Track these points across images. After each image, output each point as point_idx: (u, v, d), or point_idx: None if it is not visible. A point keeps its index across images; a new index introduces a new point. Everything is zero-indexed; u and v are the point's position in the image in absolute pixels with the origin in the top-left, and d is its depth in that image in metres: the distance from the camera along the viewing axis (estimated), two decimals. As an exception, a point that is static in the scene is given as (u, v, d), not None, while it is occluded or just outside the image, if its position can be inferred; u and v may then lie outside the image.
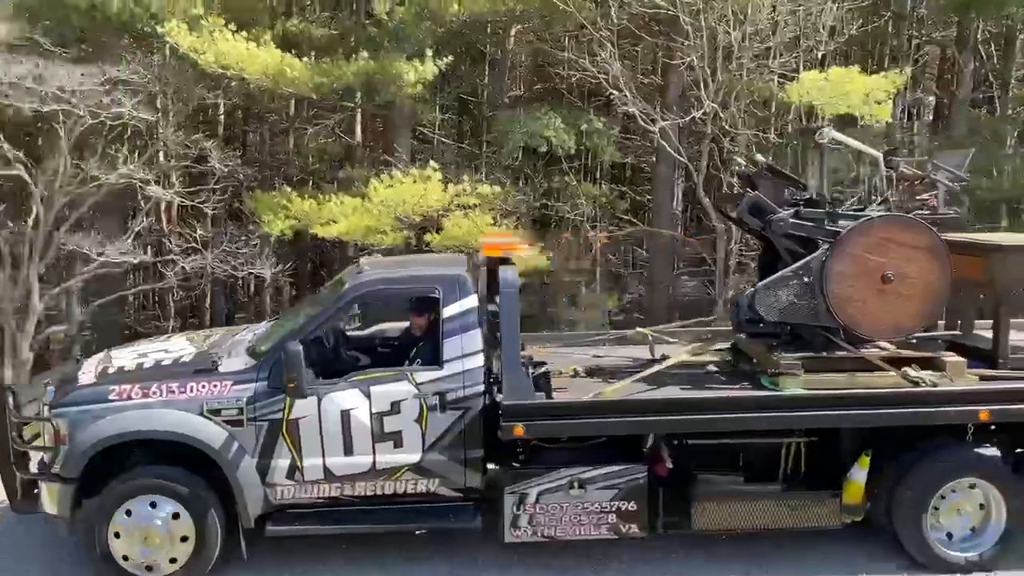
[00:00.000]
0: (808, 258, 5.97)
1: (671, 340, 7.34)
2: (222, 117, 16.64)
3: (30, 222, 12.65)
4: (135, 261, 12.67)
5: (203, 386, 5.73)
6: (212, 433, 5.62)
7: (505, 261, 6.03)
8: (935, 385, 5.86)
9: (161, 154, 14.18)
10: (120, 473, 5.72)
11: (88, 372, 6.29)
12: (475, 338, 5.85)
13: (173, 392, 5.71)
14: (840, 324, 6.01)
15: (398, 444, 5.75)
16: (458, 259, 6.96)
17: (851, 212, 6.32)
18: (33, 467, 6.02)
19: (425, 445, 5.76)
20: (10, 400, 5.94)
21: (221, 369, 5.88)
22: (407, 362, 6.08)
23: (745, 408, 5.83)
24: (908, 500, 5.84)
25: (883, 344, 6.27)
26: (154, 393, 5.72)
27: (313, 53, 13.09)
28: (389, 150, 14.35)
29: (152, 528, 5.66)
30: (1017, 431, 5.97)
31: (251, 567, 6.02)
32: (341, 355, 6.46)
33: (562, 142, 13.41)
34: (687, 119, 12.87)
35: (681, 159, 13.45)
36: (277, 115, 16.90)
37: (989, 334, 6.41)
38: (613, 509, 5.74)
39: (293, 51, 12.61)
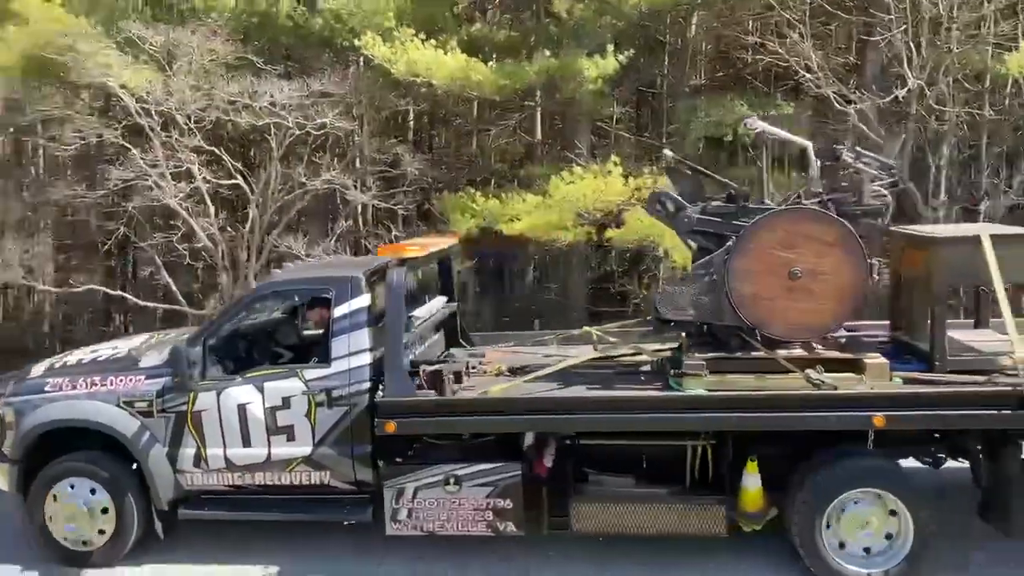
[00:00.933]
0: (712, 254, 5.57)
1: (612, 339, 6.93)
2: (412, 123, 17.48)
3: (247, 227, 13.98)
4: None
5: (120, 380, 6.12)
6: (126, 422, 6.00)
7: (403, 263, 5.94)
8: (835, 388, 5.29)
9: (357, 160, 15.14)
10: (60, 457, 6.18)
11: (39, 367, 6.82)
12: (362, 337, 5.86)
13: (95, 385, 6.14)
14: (746, 323, 5.53)
15: (290, 437, 5.90)
16: (367, 262, 6.84)
17: (761, 206, 5.77)
18: None
19: (315, 439, 5.86)
20: None
21: (140, 365, 6.30)
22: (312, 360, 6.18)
23: (622, 409, 5.52)
24: (804, 509, 5.33)
25: (817, 345, 5.73)
26: (80, 386, 6.18)
27: (495, 56, 13.48)
28: (569, 146, 14.46)
29: (76, 507, 6.06)
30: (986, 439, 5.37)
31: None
32: (257, 351, 6.61)
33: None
34: (888, 99, 11.99)
35: (880, 142, 12.55)
36: (461, 118, 17.51)
37: (962, 334, 5.85)
38: (489, 506, 5.62)
39: (479, 55, 13.01)
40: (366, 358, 5.87)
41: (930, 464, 5.91)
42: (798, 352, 5.68)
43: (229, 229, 14.14)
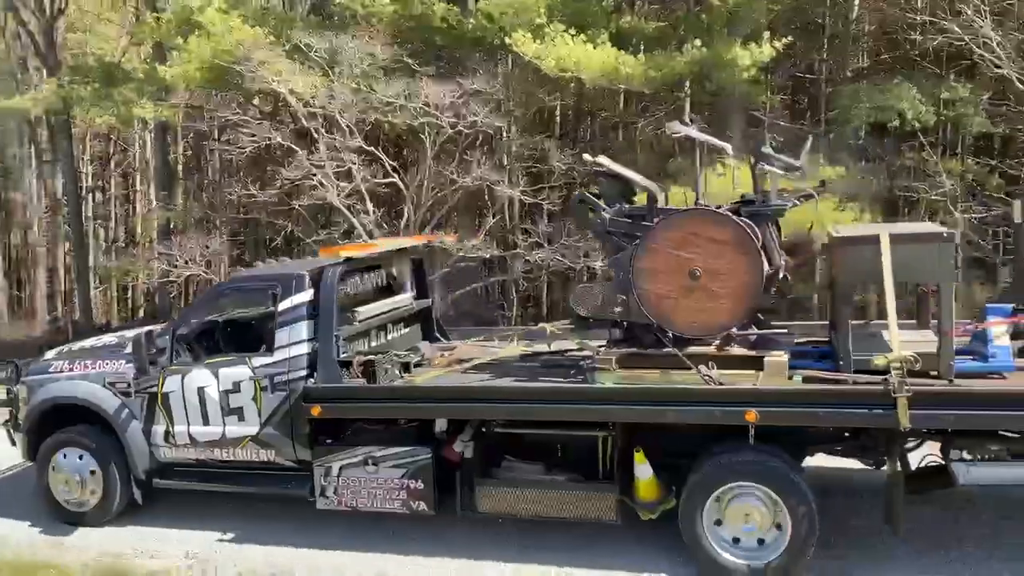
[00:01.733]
0: (619, 254, 5.71)
1: (560, 335, 6.91)
2: (558, 118, 17.60)
3: (402, 223, 14.58)
4: (487, 255, 13.89)
5: (107, 363, 6.92)
6: (110, 401, 6.81)
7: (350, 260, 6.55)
8: (720, 384, 5.40)
9: (504, 156, 15.42)
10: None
11: (52, 352, 7.64)
12: (301, 329, 6.32)
13: (87, 367, 6.99)
14: (651, 321, 5.66)
15: (241, 418, 6.50)
16: (322, 261, 6.95)
17: (671, 208, 5.97)
18: None
19: (261, 420, 6.43)
20: (11, 372, 7.57)
21: (124, 350, 6.92)
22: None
23: (520, 399, 5.85)
24: (687, 501, 5.50)
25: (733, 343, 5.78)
26: (76, 368, 7.04)
27: (644, 47, 13.34)
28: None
29: (69, 474, 6.92)
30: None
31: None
32: (223, 341, 7.17)
33: (918, 114, 12.10)
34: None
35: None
36: (608, 111, 17.45)
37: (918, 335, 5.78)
38: (403, 486, 6.07)
39: (628, 48, 12.93)
40: (304, 348, 6.35)
41: (872, 466, 5.89)
42: (705, 349, 5.75)
43: (384, 225, 14.78)
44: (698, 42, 12.52)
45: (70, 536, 6.92)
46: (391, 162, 14.16)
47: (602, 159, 6.18)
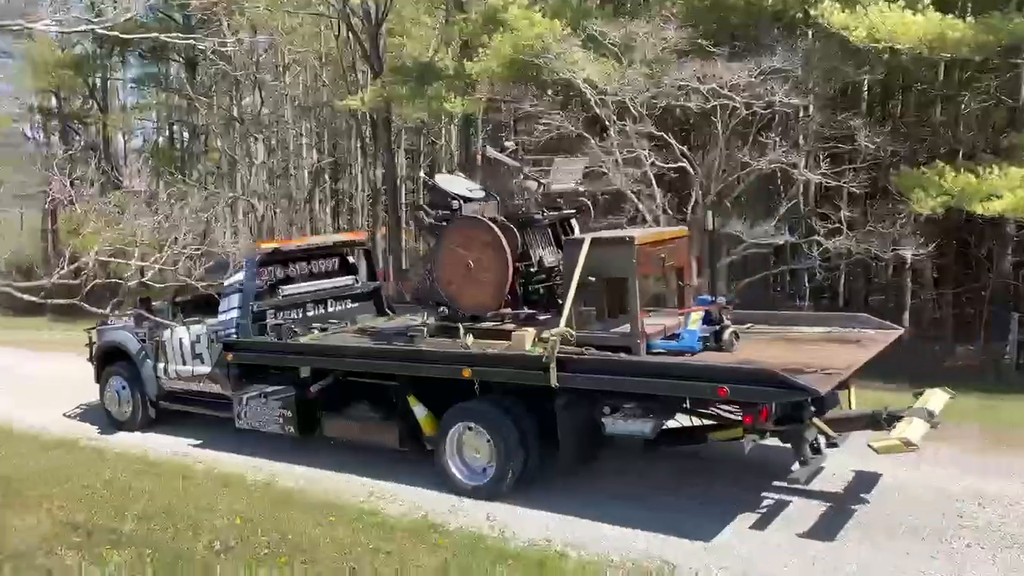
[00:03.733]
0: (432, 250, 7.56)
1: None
2: (865, 94, 16.20)
3: (689, 208, 14.37)
4: (780, 242, 13.23)
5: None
6: (135, 345, 9.94)
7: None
8: (467, 348, 7.33)
9: (802, 137, 14.53)
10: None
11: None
12: (234, 300, 8.81)
13: (125, 322, 10.36)
14: (448, 301, 7.67)
15: (201, 361, 9.26)
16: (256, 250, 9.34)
17: (462, 216, 7.66)
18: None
19: (212, 363, 9.10)
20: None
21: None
22: None
23: (347, 355, 8.08)
24: (439, 436, 7.41)
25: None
26: (122, 320, 10.45)
27: (971, 10, 11.82)
28: None
29: (114, 394, 10.12)
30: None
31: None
32: (197, 308, 9.64)
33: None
34: None
35: None
36: (925, 84, 15.72)
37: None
38: (280, 415, 8.47)
39: (955, 11, 11.53)
40: (235, 313, 8.78)
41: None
42: (488, 324, 7.69)
43: (669, 212, 14.64)
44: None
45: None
46: (680, 146, 13.99)
47: (489, 150, 8.21)
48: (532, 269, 7.82)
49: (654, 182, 14.03)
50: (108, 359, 10.23)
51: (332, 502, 7.24)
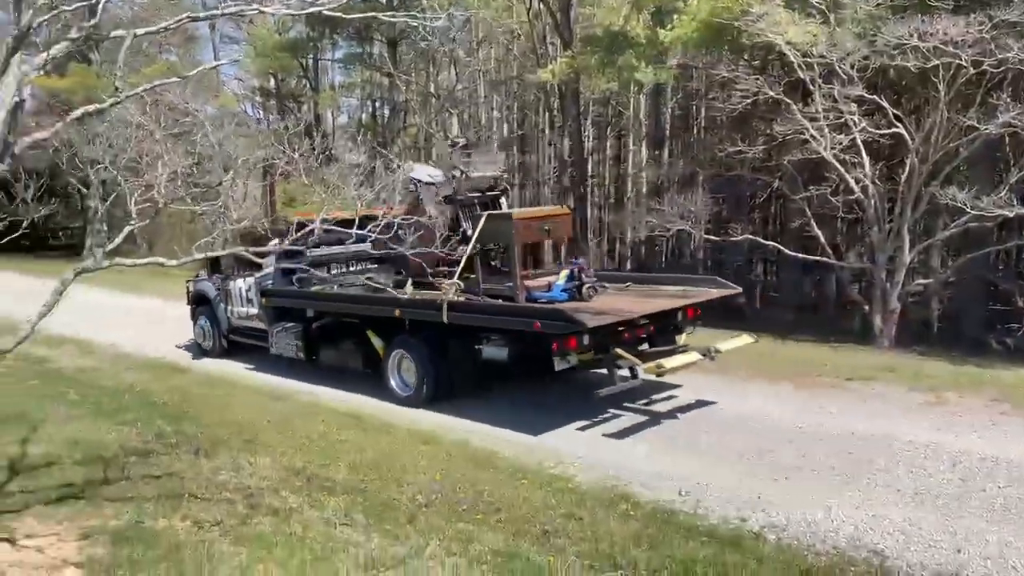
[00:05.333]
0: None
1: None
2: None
3: (902, 177, 13.27)
4: (1009, 214, 11.90)
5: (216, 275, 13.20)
6: (213, 293, 13.04)
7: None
8: (405, 294, 10.15)
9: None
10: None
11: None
12: (272, 259, 10.98)
13: (207, 276, 13.33)
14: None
15: (252, 304, 12.21)
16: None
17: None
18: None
19: (258, 306, 12.05)
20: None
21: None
22: None
23: (342, 300, 11.07)
24: (384, 360, 10.25)
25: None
26: (205, 275, 13.47)
27: None
28: None
29: (200, 328, 13.45)
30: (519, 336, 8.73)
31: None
32: (251, 265, 11.79)
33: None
34: None
35: None
36: None
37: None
38: (295, 344, 11.34)
39: None
40: (272, 268, 11.54)
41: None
42: (439, 280, 9.81)
43: (878, 182, 13.60)
44: None
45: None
46: (894, 110, 12.91)
47: (414, 165, 10.76)
48: (457, 238, 9.78)
49: (862, 150, 13.09)
50: (197, 303, 13.41)
51: (524, 466, 7.47)
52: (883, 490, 6.71)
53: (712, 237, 16.63)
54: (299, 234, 9.91)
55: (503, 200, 10.81)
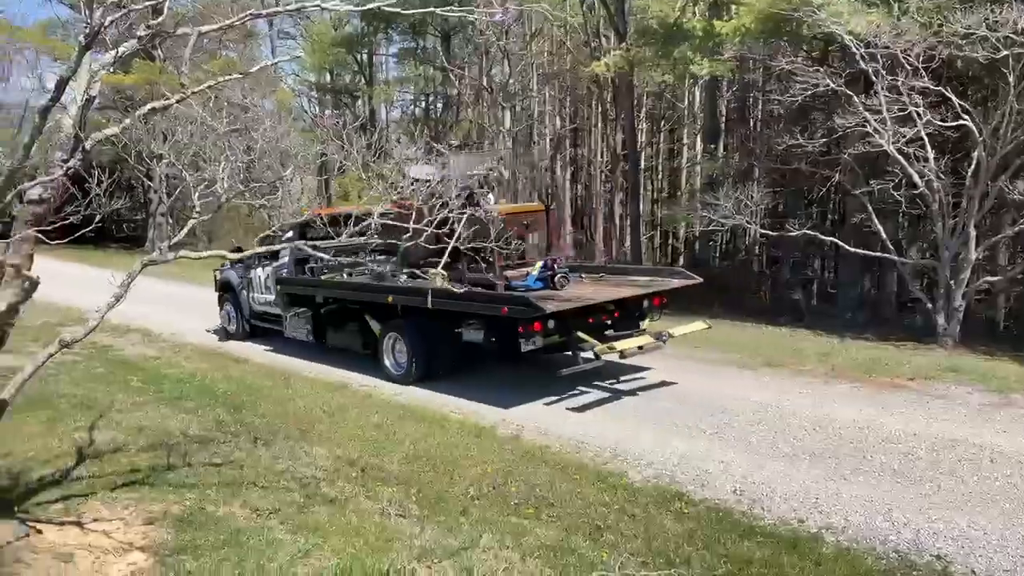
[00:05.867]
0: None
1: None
2: None
3: (969, 171, 12.85)
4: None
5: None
6: (238, 281, 13.92)
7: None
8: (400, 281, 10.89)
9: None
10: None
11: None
12: (287, 251, 12.18)
13: (231, 267, 13.94)
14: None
15: (270, 291, 13.10)
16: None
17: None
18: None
19: (275, 293, 12.91)
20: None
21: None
22: None
23: (346, 288, 11.92)
24: (380, 341, 11.13)
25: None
26: (228, 266, 14.08)
27: None
28: None
29: (225, 314, 14.47)
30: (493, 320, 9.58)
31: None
32: (269, 256, 12.78)
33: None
34: None
35: None
36: None
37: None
38: (305, 327, 12.40)
39: None
40: (287, 258, 12.50)
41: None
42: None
43: (943, 176, 13.19)
44: None
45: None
46: (960, 102, 12.50)
47: (412, 167, 9.64)
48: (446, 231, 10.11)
49: (927, 143, 12.70)
50: (223, 291, 14.45)
51: (576, 461, 7.45)
52: (946, 494, 6.52)
53: (768, 232, 16.34)
54: (356, 228, 10.44)
55: (490, 196, 11.36)
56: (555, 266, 10.27)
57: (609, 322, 10.06)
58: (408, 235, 7.97)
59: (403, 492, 6.55)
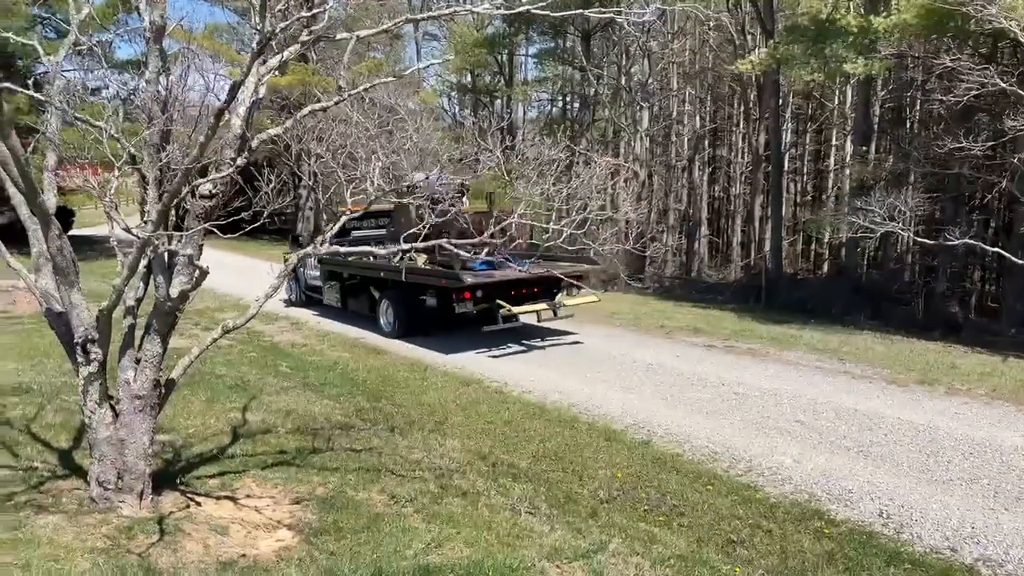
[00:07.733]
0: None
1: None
2: None
3: None
4: None
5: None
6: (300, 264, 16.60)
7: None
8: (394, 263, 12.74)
9: None
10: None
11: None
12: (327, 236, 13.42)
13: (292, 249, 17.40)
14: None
15: (316, 268, 16.61)
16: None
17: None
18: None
19: (318, 270, 16.69)
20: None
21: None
22: None
23: (367, 267, 14.43)
24: (380, 304, 14.48)
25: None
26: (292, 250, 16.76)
27: None
28: None
29: (288, 286, 18.04)
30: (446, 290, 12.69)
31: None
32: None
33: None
34: None
35: None
36: None
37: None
38: (335, 296, 15.94)
39: None
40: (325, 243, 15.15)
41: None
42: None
43: None
44: None
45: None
46: None
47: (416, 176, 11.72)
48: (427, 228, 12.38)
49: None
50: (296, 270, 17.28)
51: (709, 471, 7.28)
52: None
53: (924, 240, 15.35)
54: (375, 222, 14.58)
55: (464, 199, 13.74)
56: (496, 254, 11.68)
57: (528, 294, 13.12)
58: (403, 225, 10.28)
59: (532, 490, 6.61)
